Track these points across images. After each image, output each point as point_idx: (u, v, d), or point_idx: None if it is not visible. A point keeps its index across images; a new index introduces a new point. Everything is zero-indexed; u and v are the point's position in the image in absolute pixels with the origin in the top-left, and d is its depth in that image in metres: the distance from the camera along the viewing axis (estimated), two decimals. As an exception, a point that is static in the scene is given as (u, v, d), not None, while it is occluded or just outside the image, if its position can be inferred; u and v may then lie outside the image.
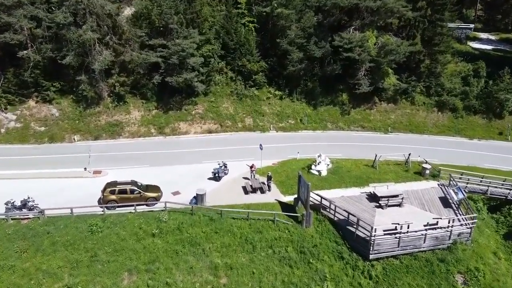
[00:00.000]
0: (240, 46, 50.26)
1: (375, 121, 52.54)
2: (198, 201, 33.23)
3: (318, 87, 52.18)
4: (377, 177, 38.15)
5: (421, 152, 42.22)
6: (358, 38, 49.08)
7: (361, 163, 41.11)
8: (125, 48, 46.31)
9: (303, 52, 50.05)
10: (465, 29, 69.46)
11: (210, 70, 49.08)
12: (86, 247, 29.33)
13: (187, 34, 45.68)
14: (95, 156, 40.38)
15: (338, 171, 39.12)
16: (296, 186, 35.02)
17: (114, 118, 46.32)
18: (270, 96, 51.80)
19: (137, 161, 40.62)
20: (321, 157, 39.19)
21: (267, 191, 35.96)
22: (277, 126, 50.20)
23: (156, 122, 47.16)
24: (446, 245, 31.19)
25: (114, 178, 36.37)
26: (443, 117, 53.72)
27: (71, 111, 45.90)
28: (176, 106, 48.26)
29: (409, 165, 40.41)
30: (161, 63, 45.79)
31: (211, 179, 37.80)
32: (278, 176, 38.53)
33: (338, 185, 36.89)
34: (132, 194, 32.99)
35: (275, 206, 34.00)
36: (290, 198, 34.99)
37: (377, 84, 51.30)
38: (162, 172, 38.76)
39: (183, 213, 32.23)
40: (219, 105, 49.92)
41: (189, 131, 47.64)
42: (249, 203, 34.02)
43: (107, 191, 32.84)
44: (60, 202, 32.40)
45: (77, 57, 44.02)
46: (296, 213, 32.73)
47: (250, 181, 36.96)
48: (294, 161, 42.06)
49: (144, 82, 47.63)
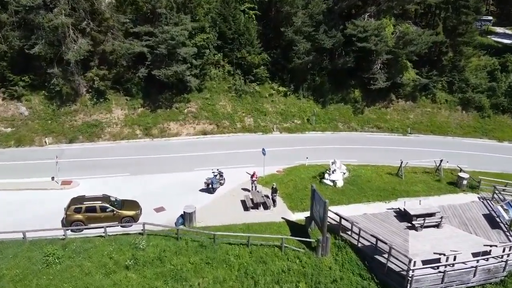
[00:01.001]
0: (239, 36, 43.01)
1: (392, 121, 45.32)
2: (185, 221, 25.98)
3: (328, 83, 45.03)
4: (404, 189, 30.91)
5: (447, 157, 35.03)
6: (374, 26, 41.76)
7: (382, 171, 33.84)
8: (106, 36, 38.92)
9: (310, 42, 42.86)
10: (484, 21, 62.29)
11: (204, 63, 41.80)
12: (40, 284, 21.96)
13: (177, 21, 38.36)
14: (67, 162, 33.24)
15: (356, 181, 31.84)
16: (307, 200, 28.05)
17: (93, 118, 38.95)
18: (273, 93, 44.57)
19: (117, 168, 33.32)
20: (335, 164, 31.89)
21: (272, 207, 28.72)
22: (281, 127, 42.94)
23: (142, 122, 39.80)
24: (499, 278, 24.10)
25: (86, 189, 29.49)
26: (468, 117, 46.55)
27: (43, 110, 38.52)
28: (166, 104, 40.92)
29: (441, 173, 33.12)
30: (148, 54, 38.46)
31: (203, 191, 30.55)
32: (285, 187, 31.30)
33: (358, 199, 29.64)
34: (103, 212, 25.68)
35: (282, 226, 26.72)
36: (300, 216, 27.74)
37: (394, 79, 44.04)
38: (146, 182, 31.55)
39: (166, 237, 24.92)
40: (215, 102, 42.64)
41: (181, 132, 40.34)
42: (249, 222, 26.77)
43: (71, 209, 25.53)
44: (16, 222, 25.20)
45: (48, 47, 36.66)
46: (309, 236, 25.46)
47: (250, 194, 29.70)
48: (303, 168, 34.78)
49: (129, 76, 40.32)
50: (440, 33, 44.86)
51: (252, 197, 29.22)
